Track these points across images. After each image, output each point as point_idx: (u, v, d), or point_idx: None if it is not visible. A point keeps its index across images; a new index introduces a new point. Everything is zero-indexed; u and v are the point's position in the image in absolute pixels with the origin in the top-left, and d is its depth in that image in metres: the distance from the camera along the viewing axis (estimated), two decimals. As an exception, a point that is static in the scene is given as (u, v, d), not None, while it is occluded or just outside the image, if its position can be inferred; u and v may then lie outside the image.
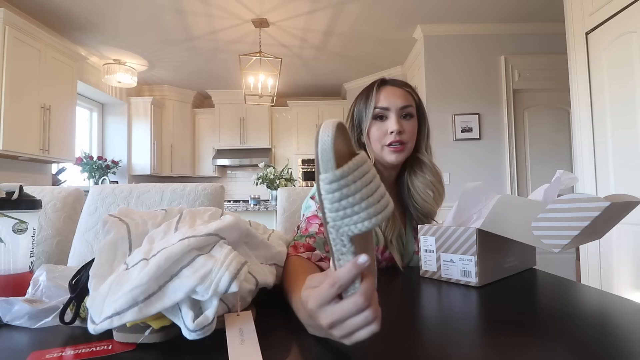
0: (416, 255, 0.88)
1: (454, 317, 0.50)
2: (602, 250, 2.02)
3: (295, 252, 0.68)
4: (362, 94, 0.90)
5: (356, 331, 0.34)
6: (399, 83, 0.89)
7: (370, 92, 0.86)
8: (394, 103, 0.84)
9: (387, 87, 0.87)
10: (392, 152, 0.83)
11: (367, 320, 0.33)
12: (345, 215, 0.37)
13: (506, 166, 3.37)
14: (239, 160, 5.22)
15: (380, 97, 0.85)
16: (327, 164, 0.37)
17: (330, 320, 0.34)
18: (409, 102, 0.86)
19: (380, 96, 0.85)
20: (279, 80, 3.63)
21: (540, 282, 0.68)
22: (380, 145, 0.85)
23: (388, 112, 0.84)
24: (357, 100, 0.91)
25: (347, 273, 0.34)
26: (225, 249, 0.43)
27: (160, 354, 0.39)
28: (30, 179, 3.13)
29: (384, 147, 0.84)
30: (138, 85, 4.62)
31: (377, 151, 0.86)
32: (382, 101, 0.84)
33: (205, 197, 1.17)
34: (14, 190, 0.60)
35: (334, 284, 0.34)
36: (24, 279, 0.59)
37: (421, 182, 0.88)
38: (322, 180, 0.37)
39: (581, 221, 0.50)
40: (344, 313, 0.34)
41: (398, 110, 0.84)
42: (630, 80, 1.83)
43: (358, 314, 0.33)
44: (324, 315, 0.35)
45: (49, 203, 1.12)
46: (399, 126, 0.82)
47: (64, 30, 3.36)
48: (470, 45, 3.44)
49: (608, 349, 0.37)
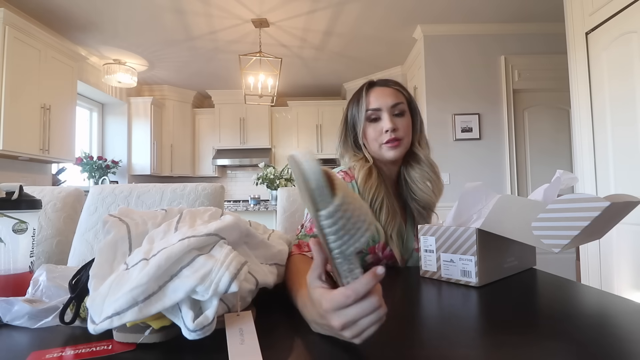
0: (416, 252, 0.89)
1: (454, 317, 0.50)
2: (602, 250, 2.02)
3: (299, 251, 0.69)
4: (353, 98, 0.93)
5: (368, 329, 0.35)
6: (388, 82, 0.91)
7: (361, 96, 0.89)
8: (385, 102, 0.86)
9: (376, 89, 0.89)
10: (390, 149, 0.86)
11: (379, 316, 0.35)
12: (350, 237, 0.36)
13: (506, 166, 3.37)
14: (239, 160, 5.22)
15: (371, 99, 0.88)
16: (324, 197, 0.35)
17: (344, 321, 0.35)
18: (399, 99, 0.88)
19: (371, 98, 0.88)
20: (279, 80, 3.63)
21: (540, 282, 0.68)
22: (377, 144, 0.88)
23: (380, 112, 0.87)
24: (349, 104, 0.93)
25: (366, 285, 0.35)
26: (225, 249, 0.43)
27: (160, 354, 0.39)
28: (30, 179, 3.13)
29: (382, 145, 0.87)
30: (138, 85, 4.62)
31: (376, 150, 0.89)
32: (373, 102, 0.87)
33: (205, 197, 1.17)
34: (14, 190, 0.60)
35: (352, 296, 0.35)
36: (24, 279, 0.59)
37: (418, 174, 0.90)
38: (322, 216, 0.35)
39: (581, 221, 0.50)
40: (359, 314, 0.35)
41: (389, 109, 0.86)
42: (630, 80, 1.83)
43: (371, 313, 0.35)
44: (338, 318, 0.36)
45: (49, 203, 1.12)
46: (392, 124, 0.85)
47: (64, 30, 3.36)
48: (470, 45, 3.44)
49: (608, 349, 0.37)
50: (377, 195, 0.85)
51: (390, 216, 0.84)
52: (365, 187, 0.85)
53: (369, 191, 0.85)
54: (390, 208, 0.85)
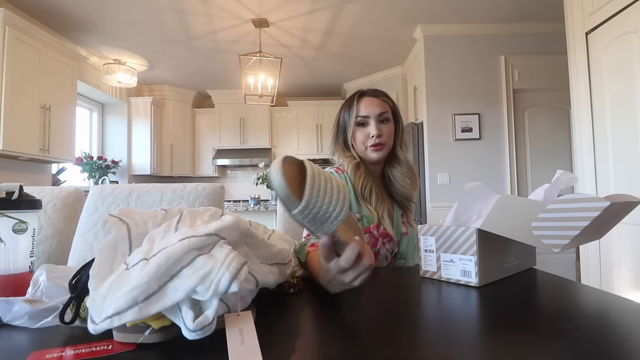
0: (405, 236, 1.03)
1: (454, 317, 0.50)
2: (602, 250, 2.02)
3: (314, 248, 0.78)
4: (345, 104, 1.08)
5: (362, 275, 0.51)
6: (376, 93, 1.06)
7: (352, 103, 1.04)
8: (373, 111, 1.02)
9: (365, 98, 1.04)
10: (374, 151, 1.02)
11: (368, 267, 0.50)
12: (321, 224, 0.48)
13: (506, 166, 3.37)
14: (239, 160, 5.22)
15: (361, 107, 1.03)
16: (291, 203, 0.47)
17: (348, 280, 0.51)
18: (385, 109, 1.04)
19: (361, 106, 1.03)
20: (279, 80, 3.63)
21: (540, 282, 0.68)
22: (364, 146, 1.03)
23: (368, 119, 1.02)
24: (341, 109, 1.08)
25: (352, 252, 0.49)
26: (225, 249, 0.43)
27: (160, 354, 0.39)
28: (30, 179, 3.13)
29: (367, 147, 1.02)
30: (138, 85, 4.62)
31: (362, 151, 1.04)
32: (362, 110, 1.02)
33: (205, 197, 1.17)
34: (14, 190, 0.60)
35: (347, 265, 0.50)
36: (24, 279, 0.59)
37: (399, 173, 1.07)
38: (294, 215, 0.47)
39: (581, 221, 0.50)
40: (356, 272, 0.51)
41: (376, 116, 1.02)
42: (630, 80, 1.83)
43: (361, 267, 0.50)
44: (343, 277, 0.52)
45: (49, 203, 1.12)
46: (378, 130, 1.00)
47: (64, 30, 3.36)
48: (470, 46, 3.45)
49: (608, 349, 0.37)
50: (366, 183, 1.00)
51: (380, 199, 1.00)
52: (355, 177, 1.01)
53: (359, 180, 1.00)
54: (379, 193, 1.01)
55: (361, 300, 0.59)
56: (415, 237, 1.04)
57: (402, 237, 1.02)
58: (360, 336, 0.44)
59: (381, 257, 0.96)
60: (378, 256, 0.95)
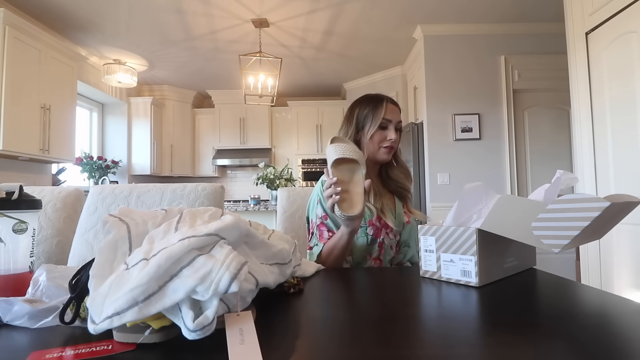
0: (407, 224, 1.12)
1: (454, 317, 0.50)
2: (602, 250, 2.02)
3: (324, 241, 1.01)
4: (368, 103, 1.14)
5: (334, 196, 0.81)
6: (395, 102, 1.18)
7: (379, 106, 1.12)
8: (395, 118, 1.12)
9: (391, 105, 1.14)
10: (387, 153, 1.12)
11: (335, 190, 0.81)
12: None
13: (506, 166, 3.37)
14: (239, 160, 5.22)
15: (388, 112, 1.12)
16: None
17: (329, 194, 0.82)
18: (400, 118, 1.16)
19: (387, 111, 1.12)
20: (279, 80, 3.63)
21: (540, 282, 0.68)
22: (378, 146, 1.11)
23: (390, 124, 1.11)
24: (362, 106, 1.14)
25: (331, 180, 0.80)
26: (225, 249, 0.43)
27: (160, 354, 0.39)
28: (30, 179, 3.13)
29: (381, 148, 1.11)
30: (138, 85, 4.62)
31: (374, 150, 1.12)
32: (388, 115, 1.11)
33: (205, 197, 1.17)
34: (14, 190, 0.60)
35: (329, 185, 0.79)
36: (24, 279, 0.59)
37: (398, 171, 1.20)
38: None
39: (581, 221, 0.50)
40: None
41: (396, 124, 1.12)
42: (630, 81, 1.83)
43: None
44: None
45: (49, 203, 1.12)
46: (395, 136, 1.11)
47: (64, 30, 3.36)
48: (470, 46, 3.45)
49: (608, 349, 0.37)
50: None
51: (378, 195, 1.10)
52: None
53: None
54: (377, 189, 1.12)
55: (361, 300, 0.59)
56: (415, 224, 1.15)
57: (405, 225, 1.12)
58: (360, 336, 0.43)
59: (386, 246, 1.05)
60: (383, 245, 1.04)
